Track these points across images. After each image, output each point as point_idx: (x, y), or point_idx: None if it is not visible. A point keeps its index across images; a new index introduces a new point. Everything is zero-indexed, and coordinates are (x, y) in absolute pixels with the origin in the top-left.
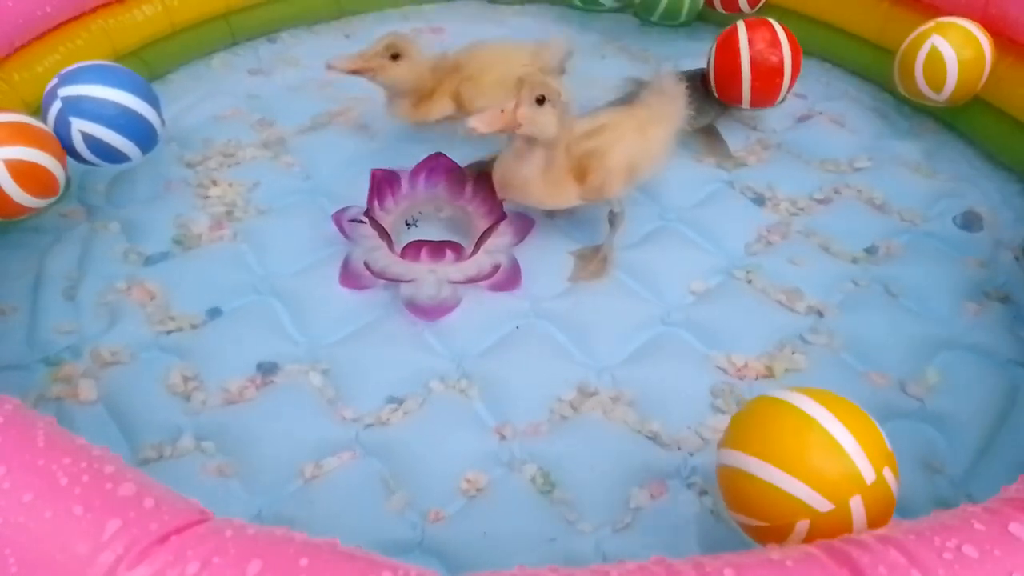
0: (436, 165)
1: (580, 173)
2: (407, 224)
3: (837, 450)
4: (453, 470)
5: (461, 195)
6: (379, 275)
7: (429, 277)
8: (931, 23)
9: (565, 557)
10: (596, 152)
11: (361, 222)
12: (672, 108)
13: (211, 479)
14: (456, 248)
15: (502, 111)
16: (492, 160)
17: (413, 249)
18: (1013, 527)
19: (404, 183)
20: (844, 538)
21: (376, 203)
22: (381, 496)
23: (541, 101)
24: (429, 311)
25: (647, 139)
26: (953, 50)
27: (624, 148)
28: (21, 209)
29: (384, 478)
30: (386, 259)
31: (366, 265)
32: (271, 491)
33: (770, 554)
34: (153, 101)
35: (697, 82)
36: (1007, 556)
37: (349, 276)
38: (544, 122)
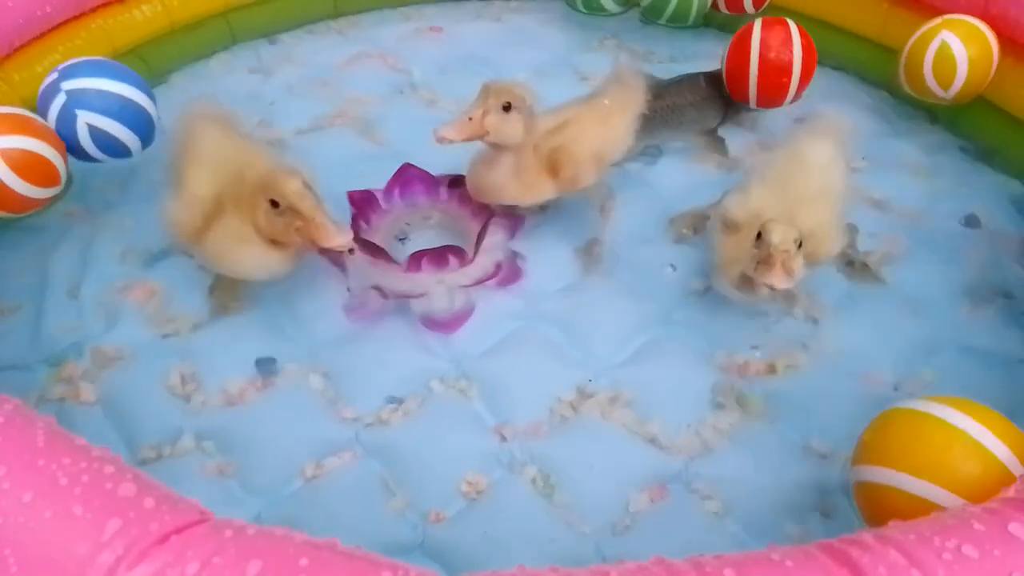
0: (408, 177)
1: (552, 168)
2: (398, 240)
3: (988, 457)
4: (453, 471)
5: (439, 199)
6: (389, 295)
7: (439, 288)
8: (939, 19)
9: (565, 560)
10: (564, 147)
11: (350, 251)
12: (631, 96)
13: (211, 479)
14: (457, 252)
15: (469, 119)
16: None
17: (414, 262)
18: (1013, 527)
19: (380, 200)
20: (844, 538)
21: (362, 223)
22: (381, 497)
23: (507, 108)
24: (447, 323)
25: (610, 128)
26: (963, 46)
27: (589, 140)
28: (25, 201)
29: (384, 479)
30: (390, 279)
31: (375, 288)
32: (271, 491)
33: (770, 554)
34: (150, 95)
35: (701, 83)
36: (1007, 556)
37: (356, 308)
38: (510, 129)
